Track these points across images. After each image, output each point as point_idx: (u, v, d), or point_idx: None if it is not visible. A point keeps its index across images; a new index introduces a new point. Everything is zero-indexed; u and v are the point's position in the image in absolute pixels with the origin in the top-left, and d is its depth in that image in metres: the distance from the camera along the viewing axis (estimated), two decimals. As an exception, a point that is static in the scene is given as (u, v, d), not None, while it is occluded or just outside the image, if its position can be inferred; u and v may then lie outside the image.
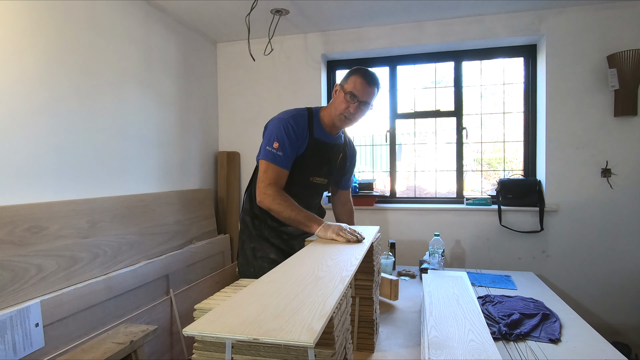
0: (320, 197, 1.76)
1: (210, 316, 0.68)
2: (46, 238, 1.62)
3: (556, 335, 1.38)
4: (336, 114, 1.52)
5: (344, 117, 1.51)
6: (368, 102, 1.51)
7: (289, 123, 1.49)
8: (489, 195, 2.84)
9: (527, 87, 2.82)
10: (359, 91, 1.47)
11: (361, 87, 1.47)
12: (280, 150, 1.45)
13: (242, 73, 3.13)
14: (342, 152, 1.69)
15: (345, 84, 1.51)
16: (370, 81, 1.48)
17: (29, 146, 1.67)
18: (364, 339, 1.26)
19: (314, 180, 1.61)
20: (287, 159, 1.48)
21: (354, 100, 1.48)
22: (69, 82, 1.86)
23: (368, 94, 1.49)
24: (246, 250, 1.64)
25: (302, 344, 0.58)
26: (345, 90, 1.49)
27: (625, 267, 2.52)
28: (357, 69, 1.52)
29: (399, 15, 2.66)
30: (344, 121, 1.53)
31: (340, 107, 1.50)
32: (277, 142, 1.46)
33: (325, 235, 1.30)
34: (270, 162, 1.45)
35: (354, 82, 1.48)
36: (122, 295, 1.92)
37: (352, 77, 1.49)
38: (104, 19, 2.06)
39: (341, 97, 1.50)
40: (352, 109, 1.49)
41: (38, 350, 1.48)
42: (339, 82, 1.57)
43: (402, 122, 3.13)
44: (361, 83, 1.47)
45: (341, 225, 1.31)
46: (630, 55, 2.36)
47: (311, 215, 1.39)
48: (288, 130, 1.47)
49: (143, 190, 2.31)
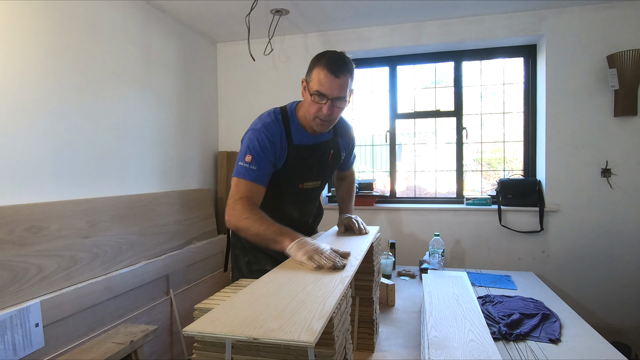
0: (315, 202, 1.62)
1: (210, 316, 0.68)
2: (46, 238, 1.62)
3: (556, 335, 1.38)
4: (310, 118, 1.29)
5: (320, 120, 1.27)
6: (342, 97, 1.24)
7: (263, 134, 1.29)
8: (489, 195, 2.84)
9: (527, 87, 2.82)
10: (326, 87, 1.21)
11: (327, 81, 1.20)
12: (253, 164, 1.25)
13: (242, 73, 3.13)
14: (333, 147, 1.47)
15: (310, 80, 1.25)
16: (337, 71, 1.20)
17: (29, 146, 1.67)
18: (364, 339, 1.26)
19: (304, 186, 1.44)
20: (262, 174, 1.27)
21: (324, 99, 1.22)
22: (69, 82, 1.86)
23: (339, 87, 1.22)
24: (240, 265, 1.52)
25: (302, 344, 0.58)
26: (311, 89, 1.24)
27: (625, 267, 2.51)
28: (320, 56, 1.25)
29: (399, 15, 2.66)
30: (320, 125, 1.29)
31: (311, 110, 1.26)
32: (249, 155, 1.26)
33: (295, 255, 1.04)
34: (241, 178, 1.25)
35: (319, 76, 1.21)
36: (122, 295, 1.92)
37: (315, 69, 1.23)
38: (104, 19, 2.06)
39: (309, 98, 1.26)
40: (326, 109, 1.23)
41: (38, 350, 1.48)
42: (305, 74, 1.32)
43: (402, 122, 3.12)
44: (326, 76, 1.20)
45: (319, 247, 1.03)
46: (630, 55, 2.36)
47: (284, 230, 1.13)
48: (263, 141, 1.28)
49: (143, 190, 2.31)
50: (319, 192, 1.56)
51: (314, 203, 1.60)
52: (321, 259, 0.98)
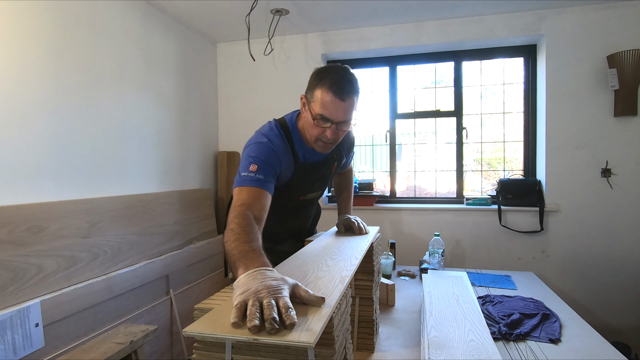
0: (314, 207, 1.60)
1: (210, 316, 0.68)
2: (46, 238, 1.62)
3: (556, 335, 1.38)
4: (311, 140, 1.21)
5: (322, 143, 1.19)
6: (347, 120, 1.15)
7: (270, 147, 1.19)
8: (489, 195, 2.84)
9: (527, 87, 2.82)
10: (330, 112, 1.11)
11: (332, 105, 1.10)
12: (260, 173, 1.13)
13: (242, 73, 3.13)
14: (337, 159, 1.43)
15: (312, 100, 1.14)
16: (342, 94, 1.10)
17: (29, 146, 1.67)
18: (364, 339, 1.26)
19: (305, 198, 1.41)
20: (268, 182, 1.15)
21: (327, 123, 1.14)
22: (69, 82, 1.86)
23: (344, 111, 1.12)
24: None
25: (302, 344, 0.58)
26: (313, 112, 1.14)
27: (625, 267, 2.51)
28: (323, 76, 1.13)
29: (399, 15, 2.66)
30: (323, 147, 1.21)
31: (313, 133, 1.18)
32: (255, 165, 1.14)
33: (235, 291, 0.72)
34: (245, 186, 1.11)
35: (322, 99, 1.11)
36: (122, 295, 1.92)
37: (318, 90, 1.13)
38: (104, 19, 2.06)
39: (311, 120, 1.16)
40: (329, 134, 1.15)
41: (38, 350, 1.48)
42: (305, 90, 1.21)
43: (402, 122, 3.12)
44: (331, 100, 1.10)
45: (263, 291, 0.69)
46: (630, 55, 2.36)
47: (250, 255, 0.83)
48: (269, 154, 1.18)
49: (143, 190, 2.31)
50: (319, 198, 1.55)
51: (313, 209, 1.60)
52: (254, 310, 0.63)
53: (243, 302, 0.66)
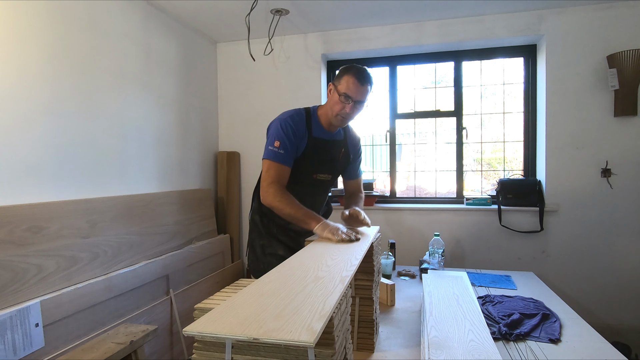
0: (326, 194, 1.81)
1: (210, 316, 0.68)
2: (46, 238, 1.62)
3: (556, 335, 1.38)
4: (332, 115, 1.56)
5: (341, 117, 1.56)
6: (362, 101, 1.55)
7: (288, 122, 1.54)
8: (489, 195, 2.84)
9: (527, 87, 2.82)
10: (352, 92, 1.50)
11: (354, 87, 1.50)
12: (281, 148, 1.51)
13: (242, 73, 3.13)
14: (344, 147, 1.72)
15: (339, 84, 1.54)
16: (363, 80, 1.51)
17: (29, 146, 1.67)
18: (364, 339, 1.26)
19: (317, 177, 1.66)
20: (288, 157, 1.53)
21: (349, 100, 1.51)
22: (69, 82, 1.86)
23: (362, 93, 1.52)
24: (256, 247, 1.70)
25: (302, 344, 0.58)
26: (339, 91, 1.53)
27: (625, 267, 2.51)
28: (349, 68, 1.54)
29: (399, 15, 2.66)
30: (341, 121, 1.58)
31: (335, 108, 1.54)
32: (277, 141, 1.51)
33: (322, 233, 1.34)
34: (272, 160, 1.51)
35: (347, 82, 1.50)
36: (122, 295, 1.92)
37: (345, 77, 1.52)
38: (104, 19, 2.06)
39: (336, 98, 1.53)
40: (348, 109, 1.52)
41: (38, 350, 1.48)
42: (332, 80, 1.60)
43: (402, 122, 3.13)
44: (354, 83, 1.50)
45: (338, 226, 1.35)
46: (630, 55, 2.36)
47: (311, 213, 1.43)
48: (287, 129, 1.53)
49: (143, 190, 2.31)
50: (329, 186, 1.77)
51: (323, 196, 1.79)
52: (341, 235, 1.29)
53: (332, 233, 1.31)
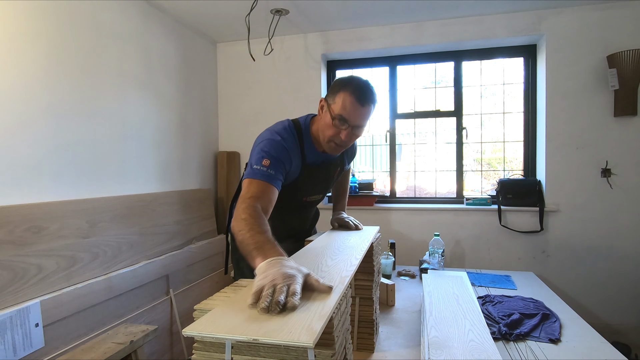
0: (315, 207, 1.64)
1: (210, 316, 0.68)
2: (46, 238, 1.62)
3: (556, 335, 1.38)
4: (324, 140, 1.27)
5: (334, 144, 1.26)
6: (362, 126, 1.24)
7: (282, 145, 1.25)
8: (489, 195, 2.83)
9: (527, 87, 2.82)
10: (350, 114, 1.19)
11: (352, 108, 1.18)
12: (271, 168, 1.19)
13: (242, 73, 3.13)
14: (340, 163, 1.50)
15: (333, 103, 1.22)
16: (363, 100, 1.19)
17: (29, 146, 1.67)
18: (364, 339, 1.26)
19: (307, 199, 1.46)
20: (277, 178, 1.21)
21: (345, 124, 1.20)
22: (69, 82, 1.86)
23: (362, 116, 1.21)
24: (243, 268, 1.46)
25: (302, 345, 0.58)
26: (332, 112, 1.21)
27: (625, 267, 2.51)
28: (347, 82, 1.22)
29: (399, 15, 2.66)
30: (333, 148, 1.28)
31: (328, 133, 1.24)
32: (267, 160, 1.20)
33: (256, 277, 0.80)
34: (255, 178, 1.17)
35: (344, 102, 1.19)
36: (122, 295, 1.92)
37: (341, 94, 1.20)
38: (104, 19, 2.06)
39: (328, 120, 1.22)
40: (344, 135, 1.22)
41: (38, 350, 1.48)
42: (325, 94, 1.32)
43: (402, 122, 3.12)
44: (352, 104, 1.18)
45: (276, 280, 0.75)
46: (630, 55, 2.36)
47: (266, 245, 0.91)
48: (281, 152, 1.24)
49: (143, 190, 2.31)
50: (319, 202, 1.58)
51: (313, 211, 1.65)
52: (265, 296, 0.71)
53: (260, 287, 0.74)
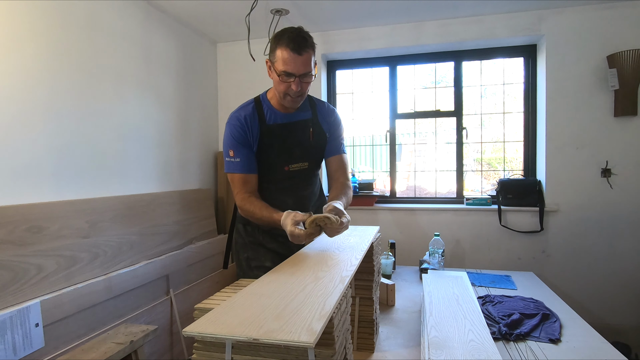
0: (310, 186, 1.54)
1: (210, 316, 0.68)
2: (46, 238, 1.62)
3: (556, 335, 1.38)
4: (280, 97, 1.34)
5: (290, 97, 1.32)
6: (308, 72, 1.28)
7: (233, 124, 1.38)
8: (489, 195, 2.83)
9: (527, 87, 2.82)
10: (291, 67, 1.25)
11: (292, 60, 1.24)
12: (236, 156, 1.36)
13: (242, 73, 3.13)
14: (313, 125, 1.46)
15: (275, 60, 1.28)
16: (300, 49, 1.24)
17: (29, 146, 1.67)
18: (364, 339, 1.26)
19: (290, 168, 1.45)
20: (247, 162, 1.37)
21: (291, 77, 1.27)
22: (69, 82, 1.86)
23: (303, 64, 1.26)
24: (241, 260, 1.55)
25: (302, 345, 0.58)
26: (277, 70, 1.28)
27: (625, 267, 2.51)
28: (280, 36, 1.27)
29: (399, 15, 2.66)
30: (291, 101, 1.34)
31: (280, 88, 1.31)
32: (231, 150, 1.36)
33: (285, 223, 1.18)
34: (232, 172, 1.39)
35: (282, 57, 1.25)
36: (122, 295, 1.91)
37: (278, 50, 1.26)
38: (104, 19, 2.06)
39: (276, 78, 1.30)
40: (294, 86, 1.28)
41: (38, 350, 1.48)
42: (267, 53, 1.36)
43: (402, 122, 3.12)
44: (290, 56, 1.24)
45: (297, 214, 1.17)
46: (630, 55, 2.36)
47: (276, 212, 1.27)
48: (234, 131, 1.37)
49: (143, 190, 2.31)
50: (311, 176, 1.51)
51: (308, 189, 1.53)
52: (299, 229, 1.13)
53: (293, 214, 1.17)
